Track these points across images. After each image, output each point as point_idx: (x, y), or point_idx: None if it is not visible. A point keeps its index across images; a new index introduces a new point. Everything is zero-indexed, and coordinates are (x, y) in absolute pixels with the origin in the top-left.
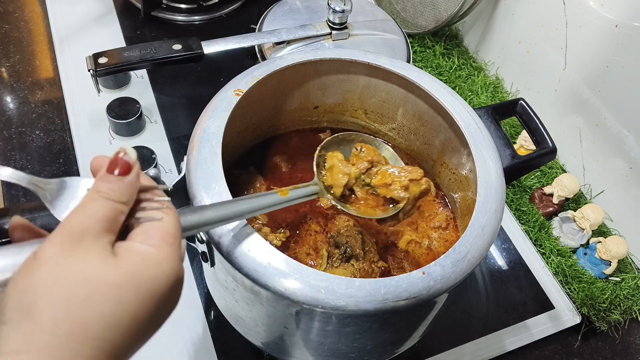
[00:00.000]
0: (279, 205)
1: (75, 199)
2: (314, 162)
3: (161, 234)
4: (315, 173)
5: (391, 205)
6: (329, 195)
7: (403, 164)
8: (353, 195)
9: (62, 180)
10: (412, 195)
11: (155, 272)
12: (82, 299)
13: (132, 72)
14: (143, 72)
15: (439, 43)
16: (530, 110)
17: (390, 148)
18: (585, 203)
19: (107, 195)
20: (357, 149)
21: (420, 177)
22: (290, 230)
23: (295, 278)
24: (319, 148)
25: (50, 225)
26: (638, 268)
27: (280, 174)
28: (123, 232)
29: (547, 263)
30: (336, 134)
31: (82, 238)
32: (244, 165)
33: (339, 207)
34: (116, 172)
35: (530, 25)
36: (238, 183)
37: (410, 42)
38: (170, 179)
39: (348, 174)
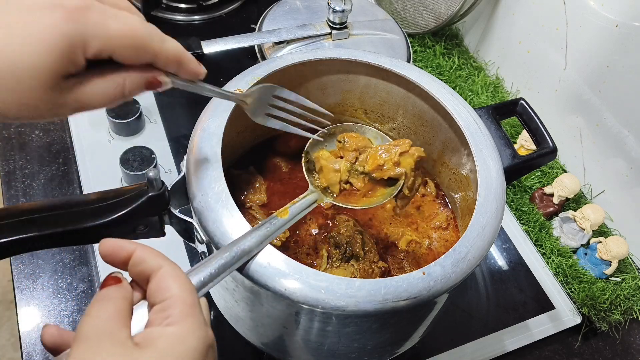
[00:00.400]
0: (284, 227)
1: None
2: (304, 170)
3: (178, 308)
4: (309, 180)
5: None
6: (328, 198)
7: (390, 140)
8: (353, 188)
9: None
10: (408, 167)
11: (181, 350)
12: None
13: None
14: None
15: (439, 43)
16: (530, 110)
17: (372, 128)
18: (586, 203)
19: (111, 296)
20: (340, 142)
21: (409, 147)
22: (290, 230)
23: (295, 278)
24: (303, 155)
25: (51, 226)
26: (638, 268)
27: (280, 173)
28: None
29: (547, 263)
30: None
31: (99, 342)
32: (244, 165)
33: (342, 206)
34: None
35: (531, 25)
36: (238, 183)
37: (411, 42)
38: (170, 179)
39: (339, 170)
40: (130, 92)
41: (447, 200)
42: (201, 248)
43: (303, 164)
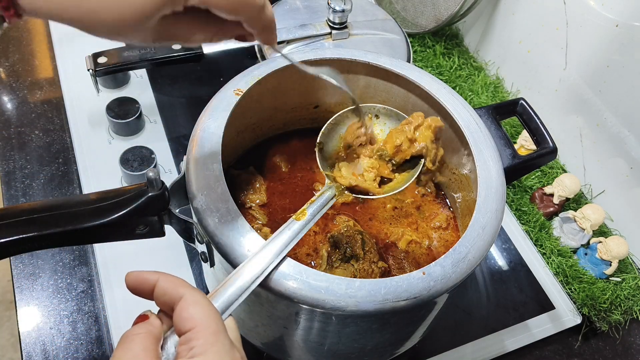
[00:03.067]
0: (304, 230)
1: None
2: (319, 163)
3: (202, 338)
4: (325, 175)
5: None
6: (347, 191)
7: (405, 116)
8: (378, 178)
9: None
10: (428, 140)
11: None
12: None
13: (131, 72)
14: (142, 72)
15: (439, 43)
16: (530, 110)
17: (380, 106)
18: (586, 203)
19: (135, 334)
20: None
21: (422, 119)
22: None
23: (295, 278)
24: (317, 146)
25: (51, 226)
26: (639, 268)
27: (280, 173)
28: None
29: (547, 263)
30: (327, 124)
31: None
32: (244, 165)
33: (363, 198)
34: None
35: (531, 25)
36: (238, 183)
37: (411, 42)
38: (170, 179)
39: (374, 167)
40: (217, 41)
41: (447, 200)
42: (201, 248)
43: (317, 157)
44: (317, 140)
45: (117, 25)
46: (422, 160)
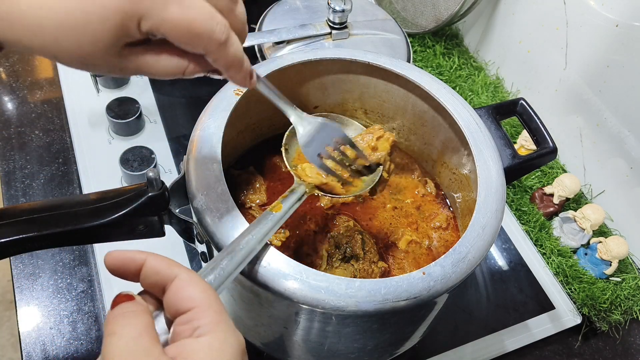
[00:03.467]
0: (280, 222)
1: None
2: (287, 165)
3: (207, 316)
4: (294, 174)
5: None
6: (316, 191)
7: (361, 127)
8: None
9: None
10: (385, 151)
11: (220, 358)
12: None
13: None
14: None
15: (439, 43)
16: (530, 110)
17: (344, 117)
18: (586, 203)
19: (132, 311)
20: None
21: (383, 132)
22: (290, 230)
23: (295, 278)
24: (283, 148)
25: (51, 226)
26: (639, 268)
27: (280, 173)
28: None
29: (547, 263)
30: (288, 130)
31: None
32: (244, 165)
33: (331, 197)
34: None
35: (531, 25)
36: (238, 183)
37: (411, 42)
38: (170, 179)
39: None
40: (190, 75)
41: (447, 200)
42: (201, 248)
43: (285, 158)
44: (283, 142)
45: (79, 55)
46: (381, 167)
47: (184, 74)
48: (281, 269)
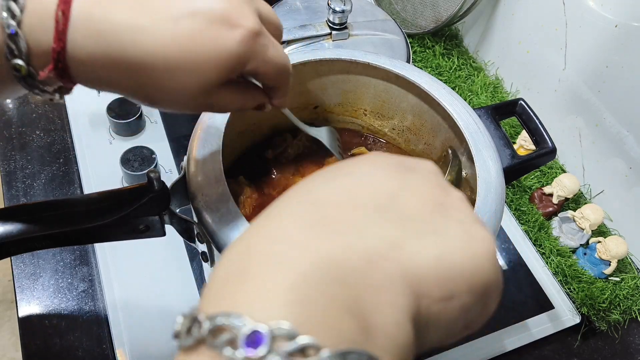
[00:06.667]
0: None
1: None
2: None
3: None
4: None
5: None
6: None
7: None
8: None
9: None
10: None
11: None
12: None
13: None
14: None
15: (439, 43)
16: (530, 111)
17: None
18: (585, 203)
19: None
20: None
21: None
22: None
23: None
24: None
25: (52, 226)
26: (638, 268)
27: (271, 183)
28: None
29: (546, 263)
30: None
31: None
32: (244, 164)
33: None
34: None
35: (530, 26)
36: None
37: (410, 42)
38: (171, 178)
39: None
40: (245, 110)
41: None
42: (202, 248)
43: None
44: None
45: (179, 94)
46: None
47: (241, 108)
48: None
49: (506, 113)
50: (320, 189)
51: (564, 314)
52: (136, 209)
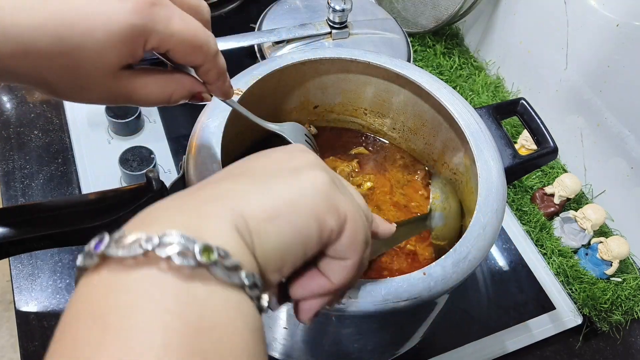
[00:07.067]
0: None
1: None
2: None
3: None
4: None
5: None
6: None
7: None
8: None
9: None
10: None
11: None
12: None
13: None
14: None
15: (440, 42)
16: (531, 110)
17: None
18: (587, 203)
19: None
20: None
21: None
22: None
23: None
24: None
25: (50, 226)
26: (639, 268)
27: None
28: None
29: (548, 263)
30: None
31: None
32: None
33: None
34: None
35: (531, 25)
36: None
37: (411, 42)
38: (169, 179)
39: None
40: (175, 101)
41: None
42: None
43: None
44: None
45: (75, 76)
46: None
47: (169, 99)
48: None
49: (507, 112)
50: (239, 164)
51: (566, 314)
52: (135, 210)
